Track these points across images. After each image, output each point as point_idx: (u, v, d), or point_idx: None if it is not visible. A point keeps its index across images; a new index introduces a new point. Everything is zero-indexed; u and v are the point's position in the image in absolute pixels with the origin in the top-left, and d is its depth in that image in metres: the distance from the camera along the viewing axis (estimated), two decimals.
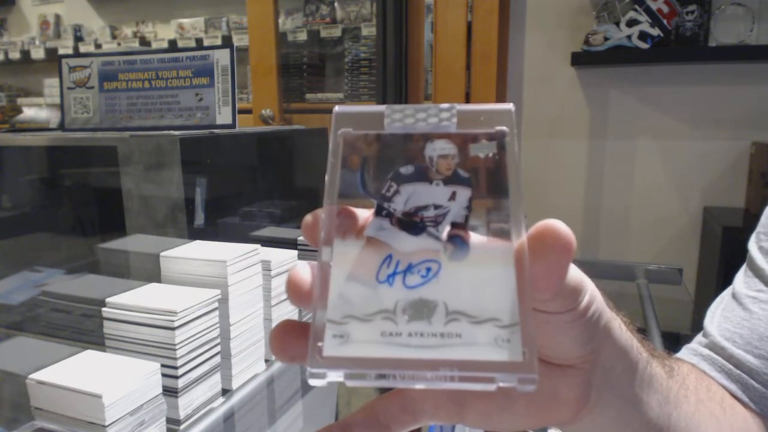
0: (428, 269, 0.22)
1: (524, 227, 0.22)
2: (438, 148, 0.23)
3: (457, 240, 0.22)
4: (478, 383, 0.20)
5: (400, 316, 0.21)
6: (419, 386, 0.20)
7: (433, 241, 0.22)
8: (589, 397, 0.27)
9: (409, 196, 0.23)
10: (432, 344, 0.20)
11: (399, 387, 0.20)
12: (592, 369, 0.27)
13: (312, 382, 0.20)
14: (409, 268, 0.22)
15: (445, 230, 0.22)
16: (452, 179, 0.23)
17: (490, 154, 0.23)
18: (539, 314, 0.23)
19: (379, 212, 0.23)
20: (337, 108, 0.24)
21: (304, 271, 0.22)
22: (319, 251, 0.22)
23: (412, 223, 0.23)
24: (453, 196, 0.23)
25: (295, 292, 0.21)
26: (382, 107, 0.24)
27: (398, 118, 0.24)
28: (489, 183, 0.23)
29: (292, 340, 0.22)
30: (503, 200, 0.22)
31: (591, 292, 0.25)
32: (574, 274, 0.23)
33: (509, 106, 0.23)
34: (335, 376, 0.20)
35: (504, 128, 0.23)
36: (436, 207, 0.23)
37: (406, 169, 0.23)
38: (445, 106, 0.23)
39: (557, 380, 0.26)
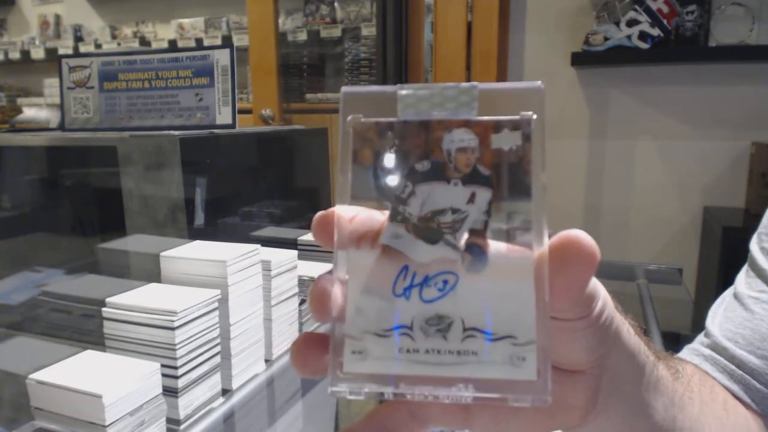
0: (445, 282, 0.21)
1: (546, 235, 0.21)
2: (456, 140, 0.21)
3: (476, 249, 0.21)
4: (495, 401, 0.20)
5: (418, 333, 0.21)
6: (435, 402, 0.20)
7: (451, 251, 0.21)
8: (597, 401, 0.27)
9: (425, 199, 0.21)
10: (448, 362, 0.20)
11: (415, 401, 0.21)
12: (601, 374, 0.27)
13: (333, 395, 0.20)
14: (425, 281, 0.21)
15: (463, 238, 0.21)
16: (471, 178, 0.21)
17: (514, 147, 0.21)
18: (552, 322, 0.23)
19: (393, 218, 0.22)
20: (344, 88, 0.22)
21: (326, 286, 0.21)
22: (335, 261, 0.21)
23: (429, 229, 0.21)
24: (472, 198, 0.21)
25: (320, 309, 0.21)
26: (393, 87, 0.22)
27: (411, 103, 0.22)
28: (511, 183, 0.21)
29: (314, 354, 0.22)
30: (525, 203, 0.21)
31: (603, 297, 0.24)
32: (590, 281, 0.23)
33: (538, 84, 0.21)
34: (355, 392, 0.20)
35: (530, 114, 0.21)
36: (454, 211, 0.21)
37: (422, 166, 0.21)
38: (465, 86, 0.21)
39: (566, 385, 0.26)
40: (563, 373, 0.26)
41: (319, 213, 0.22)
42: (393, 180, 0.22)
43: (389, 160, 0.22)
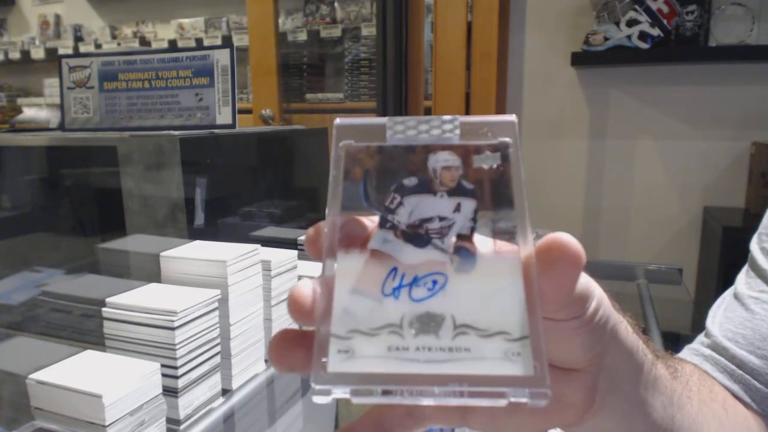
0: (434, 282, 0.21)
1: (531, 238, 0.21)
2: (441, 160, 0.23)
3: (464, 252, 0.22)
4: (489, 398, 0.19)
5: (407, 330, 0.20)
6: (427, 402, 0.19)
7: (439, 254, 0.22)
8: (594, 399, 0.27)
9: (413, 208, 0.22)
10: (440, 359, 0.20)
11: (406, 403, 0.20)
12: (598, 372, 0.27)
13: (316, 399, 0.19)
14: (414, 281, 0.21)
15: (451, 242, 0.22)
16: (456, 191, 0.23)
17: (494, 166, 0.23)
18: (546, 321, 0.23)
19: (383, 224, 0.22)
20: (337, 120, 0.24)
21: (306, 288, 0.21)
22: (323, 264, 0.22)
23: (417, 235, 0.22)
24: (458, 208, 0.22)
25: (297, 309, 0.21)
26: (383, 119, 0.23)
27: (400, 130, 0.23)
28: (494, 194, 0.23)
29: (291, 348, 0.22)
30: (509, 211, 0.22)
31: (598, 297, 0.24)
32: (582, 281, 0.23)
33: (512, 117, 0.23)
34: (340, 392, 0.19)
35: (507, 139, 0.23)
36: (441, 219, 0.22)
37: (410, 181, 0.23)
38: (447, 117, 0.23)
39: (563, 384, 0.26)
40: (560, 371, 0.26)
41: (310, 228, 0.23)
42: (383, 193, 0.23)
43: (379, 177, 0.23)
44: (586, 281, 0.23)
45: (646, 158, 2.00)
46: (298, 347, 0.22)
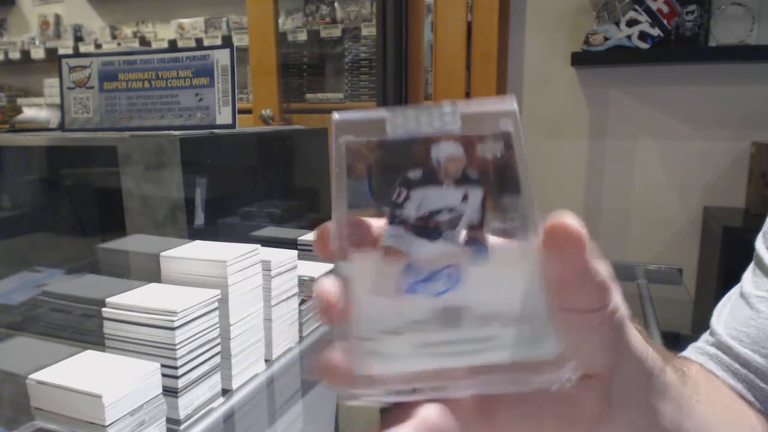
0: (450, 275, 0.21)
1: (540, 224, 0.21)
2: (445, 150, 0.23)
3: (476, 243, 0.22)
4: (516, 385, 0.19)
5: (430, 326, 0.20)
6: (457, 395, 0.19)
7: (452, 246, 0.22)
8: (609, 407, 0.27)
9: (420, 201, 0.22)
10: (465, 351, 0.20)
11: (437, 398, 0.20)
12: (611, 380, 0.27)
13: (348, 402, 0.19)
14: (431, 276, 0.21)
15: (462, 233, 0.22)
16: (462, 181, 0.22)
17: (498, 154, 0.23)
18: (570, 315, 0.23)
19: (392, 220, 0.22)
20: (336, 115, 0.23)
21: (331, 286, 0.21)
22: (336, 266, 0.21)
23: (428, 228, 0.22)
24: (465, 198, 0.22)
25: (327, 310, 0.21)
26: (383, 112, 0.23)
27: (400, 123, 0.23)
28: (500, 182, 0.22)
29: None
30: (516, 199, 0.22)
31: (618, 294, 0.25)
32: (603, 270, 0.23)
33: (513, 106, 0.23)
34: (371, 394, 0.19)
35: (509, 128, 0.23)
36: (450, 210, 0.22)
37: (415, 174, 0.22)
38: (447, 108, 0.23)
39: (580, 390, 0.26)
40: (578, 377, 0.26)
41: (318, 228, 0.23)
42: (388, 188, 0.23)
43: (383, 172, 0.23)
44: (606, 275, 0.23)
45: (646, 158, 2.00)
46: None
